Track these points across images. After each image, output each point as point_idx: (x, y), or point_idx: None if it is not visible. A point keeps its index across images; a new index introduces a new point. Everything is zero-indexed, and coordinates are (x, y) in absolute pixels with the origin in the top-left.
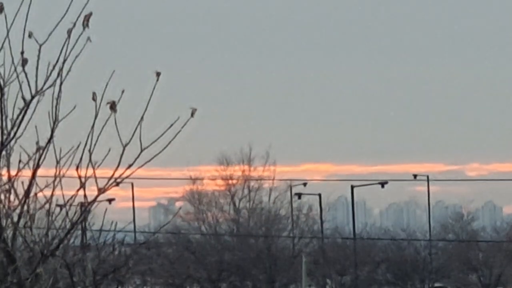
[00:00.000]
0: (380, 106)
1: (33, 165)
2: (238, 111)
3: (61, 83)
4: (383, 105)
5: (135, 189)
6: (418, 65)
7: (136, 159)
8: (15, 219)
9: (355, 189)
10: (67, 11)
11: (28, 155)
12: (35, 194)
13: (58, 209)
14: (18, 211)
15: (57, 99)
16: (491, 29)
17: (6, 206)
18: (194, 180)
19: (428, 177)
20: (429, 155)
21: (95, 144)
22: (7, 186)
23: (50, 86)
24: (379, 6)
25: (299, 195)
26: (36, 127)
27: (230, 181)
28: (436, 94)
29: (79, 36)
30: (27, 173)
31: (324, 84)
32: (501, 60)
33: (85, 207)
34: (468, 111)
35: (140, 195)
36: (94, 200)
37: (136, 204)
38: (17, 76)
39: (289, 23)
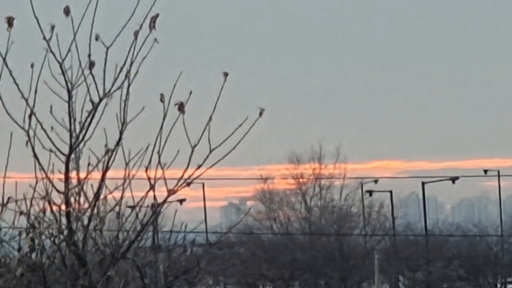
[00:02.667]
0: (448, 102)
1: (103, 167)
2: (308, 109)
3: (128, 85)
4: (452, 101)
5: (205, 189)
6: (487, 61)
7: (205, 160)
8: (86, 222)
9: (426, 185)
10: (133, 13)
11: (97, 158)
12: (105, 196)
13: (128, 211)
14: (88, 214)
15: (125, 101)
16: None
17: (76, 209)
18: (265, 179)
19: (499, 172)
20: (499, 150)
21: (164, 146)
22: (76, 189)
23: (117, 89)
24: None
25: (370, 192)
26: (104, 129)
27: (301, 180)
28: (505, 88)
29: (146, 37)
30: (96, 175)
31: (391, 82)
32: None
33: (155, 209)
34: None
35: (211, 195)
36: (164, 201)
37: (207, 204)
38: (85, 79)
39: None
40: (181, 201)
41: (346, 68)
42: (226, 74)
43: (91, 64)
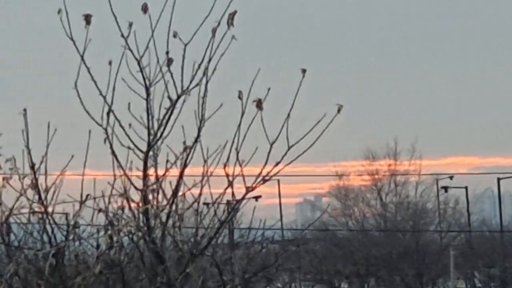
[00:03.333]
0: None
1: (181, 164)
2: (383, 106)
3: (206, 82)
4: None
5: (281, 185)
6: None
7: (283, 157)
8: (164, 219)
9: (501, 181)
10: (211, 10)
11: (176, 155)
12: (183, 193)
13: (206, 208)
14: (166, 211)
15: (203, 98)
16: None
17: (155, 206)
18: (340, 175)
19: None
20: None
21: (242, 142)
22: (155, 186)
23: (195, 86)
24: None
25: (446, 189)
26: (182, 126)
27: (376, 176)
28: None
29: (224, 34)
30: (174, 172)
31: (467, 78)
32: None
33: (234, 206)
34: None
35: (286, 191)
36: (243, 198)
37: (282, 200)
38: (163, 76)
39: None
40: (256, 198)
41: (422, 63)
42: (304, 71)
43: (169, 61)
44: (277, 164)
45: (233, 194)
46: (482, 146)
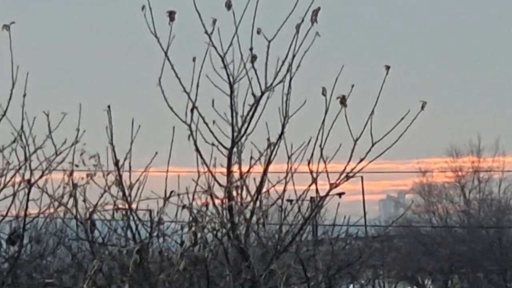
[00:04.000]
0: None
1: (265, 161)
2: (467, 102)
3: (290, 79)
4: None
5: (364, 182)
6: None
7: (367, 153)
8: (248, 215)
9: None
10: (295, 6)
11: (259, 152)
12: (267, 190)
13: (289, 205)
14: (250, 207)
15: (287, 95)
16: None
17: (239, 203)
18: (423, 172)
19: None
20: None
21: (326, 139)
22: (239, 183)
23: (279, 82)
24: None
25: None
26: (266, 123)
27: (459, 173)
28: None
29: (308, 31)
30: (258, 169)
31: None
32: None
33: (318, 202)
34: None
35: (369, 188)
36: (327, 195)
37: (365, 197)
38: (247, 73)
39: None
40: (340, 194)
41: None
42: (388, 68)
43: (253, 58)
44: (361, 160)
45: (317, 190)
46: None
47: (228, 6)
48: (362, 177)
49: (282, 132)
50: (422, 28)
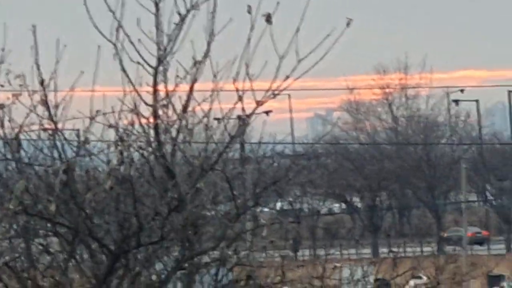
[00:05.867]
0: None
1: (190, 79)
2: (394, 20)
3: None
4: None
5: (291, 100)
6: None
7: (293, 70)
8: (174, 134)
9: None
10: None
11: (185, 70)
12: (193, 108)
13: (216, 123)
14: (176, 126)
15: (212, 13)
16: None
17: (165, 122)
18: (351, 89)
19: None
20: None
21: (251, 57)
22: (165, 102)
23: (205, 1)
24: None
25: (457, 102)
26: (192, 41)
27: (387, 90)
28: None
29: None
30: (184, 88)
31: None
32: None
33: (244, 120)
34: None
35: (297, 106)
36: (253, 113)
37: (293, 115)
38: None
39: None
40: (267, 112)
41: None
42: None
43: None
44: (287, 78)
45: (243, 109)
46: (491, 60)
47: None
48: (289, 95)
49: (208, 51)
50: None
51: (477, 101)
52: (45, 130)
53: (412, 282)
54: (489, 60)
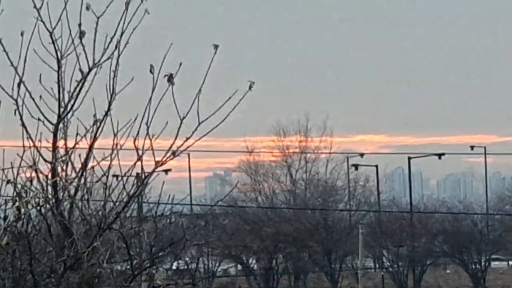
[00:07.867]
0: (433, 77)
1: (91, 137)
2: (295, 83)
3: (118, 56)
4: (437, 76)
5: (190, 159)
6: (476, 34)
7: (194, 132)
8: (72, 192)
9: (411, 161)
10: None
11: (86, 128)
12: (93, 166)
13: (115, 181)
14: (75, 183)
15: (114, 72)
16: None
17: (63, 179)
18: (250, 151)
19: (485, 148)
20: (484, 126)
21: (152, 117)
22: (64, 159)
23: (107, 59)
24: None
25: (356, 166)
26: (93, 99)
27: (286, 152)
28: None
29: (137, 8)
30: (84, 145)
31: (377, 57)
32: None
33: (143, 179)
34: None
35: (195, 165)
36: (152, 172)
37: (192, 174)
38: (75, 49)
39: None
40: (166, 171)
41: (332, 41)
42: (216, 47)
43: (82, 34)
44: (187, 139)
45: (142, 167)
46: (390, 125)
47: None
48: (188, 154)
49: (109, 109)
50: (254, 7)
51: (376, 166)
52: None
53: None
54: (388, 125)
